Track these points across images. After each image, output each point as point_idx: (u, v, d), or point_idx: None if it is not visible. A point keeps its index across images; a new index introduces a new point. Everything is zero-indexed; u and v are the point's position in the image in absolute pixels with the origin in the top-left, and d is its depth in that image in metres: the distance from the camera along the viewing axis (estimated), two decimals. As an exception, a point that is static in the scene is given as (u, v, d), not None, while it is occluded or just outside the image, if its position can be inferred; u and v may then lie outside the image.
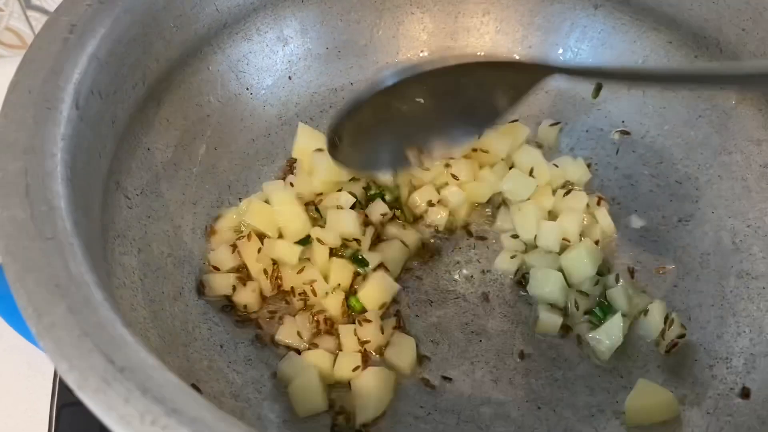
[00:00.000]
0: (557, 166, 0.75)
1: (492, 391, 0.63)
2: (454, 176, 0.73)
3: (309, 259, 0.68)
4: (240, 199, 0.72)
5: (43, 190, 0.45)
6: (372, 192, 0.73)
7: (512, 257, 0.70)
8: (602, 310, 0.66)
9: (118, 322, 0.40)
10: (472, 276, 0.71)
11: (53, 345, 0.38)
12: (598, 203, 0.73)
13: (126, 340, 0.39)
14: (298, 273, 0.67)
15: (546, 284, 0.67)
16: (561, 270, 0.68)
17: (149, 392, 0.37)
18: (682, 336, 0.63)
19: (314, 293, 0.66)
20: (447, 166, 0.74)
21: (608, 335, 0.63)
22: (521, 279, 0.69)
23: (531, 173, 0.73)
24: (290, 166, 0.76)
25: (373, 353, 0.64)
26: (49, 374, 0.78)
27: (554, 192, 0.74)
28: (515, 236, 0.72)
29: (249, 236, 0.68)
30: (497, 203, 0.75)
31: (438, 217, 0.73)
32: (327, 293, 0.66)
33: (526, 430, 0.61)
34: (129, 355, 0.38)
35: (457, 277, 0.71)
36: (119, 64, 0.58)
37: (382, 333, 0.65)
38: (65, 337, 0.38)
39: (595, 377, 0.64)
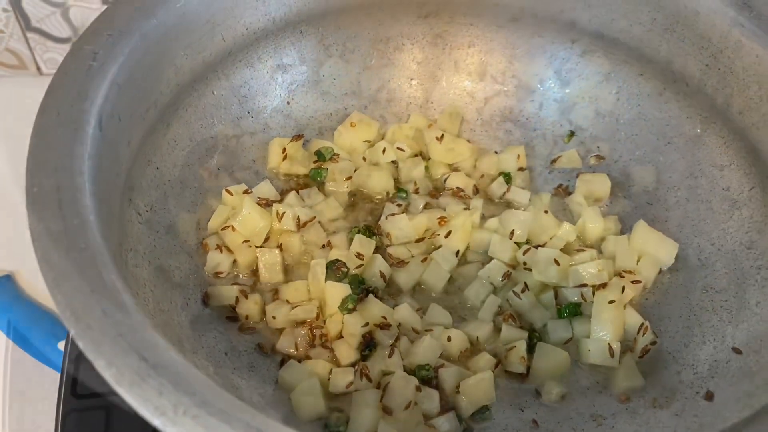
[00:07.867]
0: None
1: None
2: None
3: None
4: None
5: (74, 205, 0.49)
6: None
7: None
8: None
9: (149, 324, 0.44)
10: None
11: (91, 345, 0.42)
12: None
13: (156, 341, 0.43)
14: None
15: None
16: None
17: (180, 386, 0.41)
18: (653, 343, 0.68)
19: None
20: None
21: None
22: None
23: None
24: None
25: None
26: (48, 387, 0.81)
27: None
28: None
29: (232, 228, 0.73)
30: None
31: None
32: (330, 316, 0.70)
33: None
34: (160, 355, 0.43)
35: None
36: (135, 89, 0.63)
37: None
38: (102, 337, 0.43)
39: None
